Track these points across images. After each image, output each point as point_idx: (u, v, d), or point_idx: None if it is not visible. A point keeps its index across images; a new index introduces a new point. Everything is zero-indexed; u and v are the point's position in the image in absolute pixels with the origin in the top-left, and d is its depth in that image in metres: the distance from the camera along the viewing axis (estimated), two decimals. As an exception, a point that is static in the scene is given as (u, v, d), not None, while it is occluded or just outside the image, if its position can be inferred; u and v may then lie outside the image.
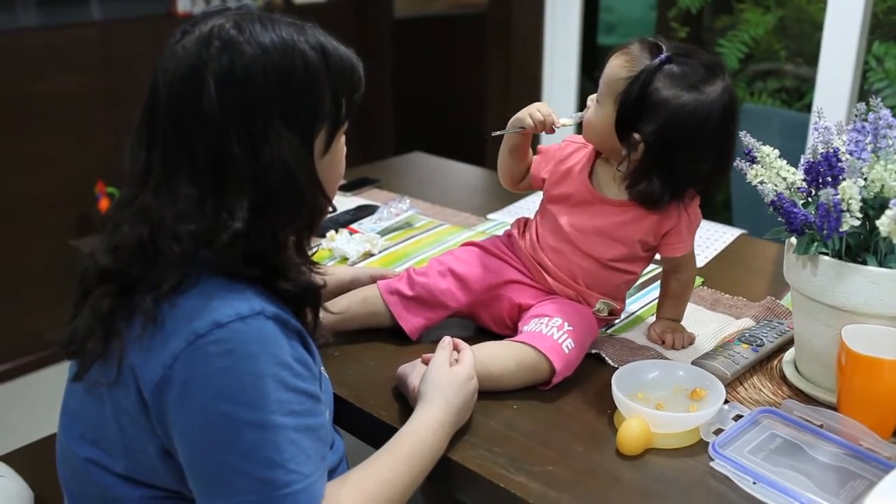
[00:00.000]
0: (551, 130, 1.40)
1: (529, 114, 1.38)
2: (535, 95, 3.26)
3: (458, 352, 1.23)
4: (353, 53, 1.06)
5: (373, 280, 1.47)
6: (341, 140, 1.07)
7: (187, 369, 0.91)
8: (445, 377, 1.16)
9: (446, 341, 1.24)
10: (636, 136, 1.27)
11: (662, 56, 1.26)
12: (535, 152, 1.48)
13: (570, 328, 1.29)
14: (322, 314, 1.10)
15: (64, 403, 1.10)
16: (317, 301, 1.06)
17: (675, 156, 1.27)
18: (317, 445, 0.96)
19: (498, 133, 1.43)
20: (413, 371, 1.21)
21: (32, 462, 1.55)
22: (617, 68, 1.29)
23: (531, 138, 1.45)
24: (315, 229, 1.06)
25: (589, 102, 1.36)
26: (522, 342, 1.28)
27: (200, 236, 0.93)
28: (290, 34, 0.97)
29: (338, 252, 1.76)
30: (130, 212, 0.97)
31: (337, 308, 1.36)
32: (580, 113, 1.39)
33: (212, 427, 0.91)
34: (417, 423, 1.10)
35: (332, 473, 1.09)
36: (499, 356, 1.27)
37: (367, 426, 1.24)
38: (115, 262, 0.97)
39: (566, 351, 1.27)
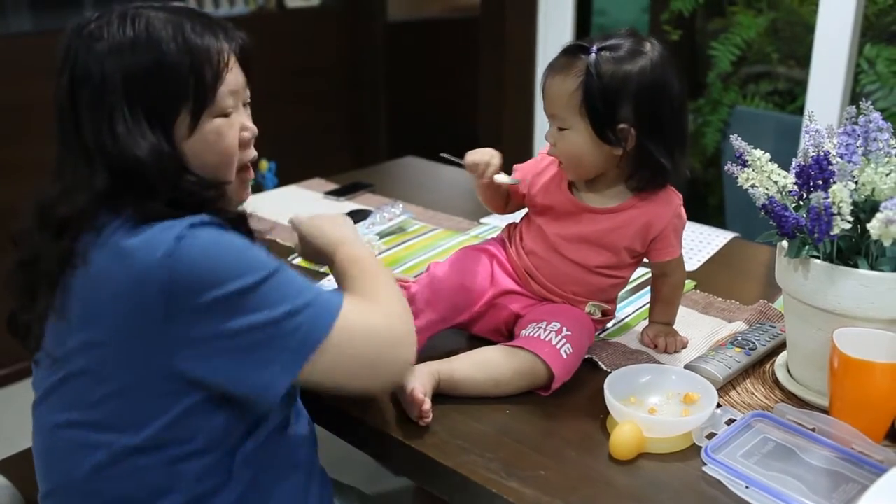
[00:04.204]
0: (481, 177, 1.37)
1: (472, 154, 1.37)
2: (528, 100, 3.26)
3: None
4: (224, 33, 1.10)
5: None
6: (219, 120, 1.10)
7: (177, 286, 0.96)
8: (308, 247, 1.34)
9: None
10: (621, 126, 1.26)
11: (593, 48, 1.26)
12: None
13: (569, 333, 1.29)
14: None
15: (47, 409, 1.11)
16: (248, 225, 1.12)
17: (661, 118, 1.27)
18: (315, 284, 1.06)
19: (446, 156, 1.41)
20: (411, 377, 1.20)
21: (24, 469, 1.55)
22: (562, 84, 1.27)
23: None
24: (209, 201, 1.08)
25: (549, 140, 1.34)
26: (520, 347, 1.27)
27: (83, 211, 1.03)
28: (147, 23, 1.05)
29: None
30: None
31: None
32: (517, 178, 1.39)
33: (232, 311, 0.98)
34: (336, 267, 1.23)
35: (300, 451, 1.19)
36: (496, 361, 1.27)
37: (361, 433, 1.24)
38: (28, 242, 1.08)
39: (564, 356, 1.27)
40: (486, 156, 1.36)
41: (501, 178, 1.38)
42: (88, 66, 1.04)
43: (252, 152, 1.19)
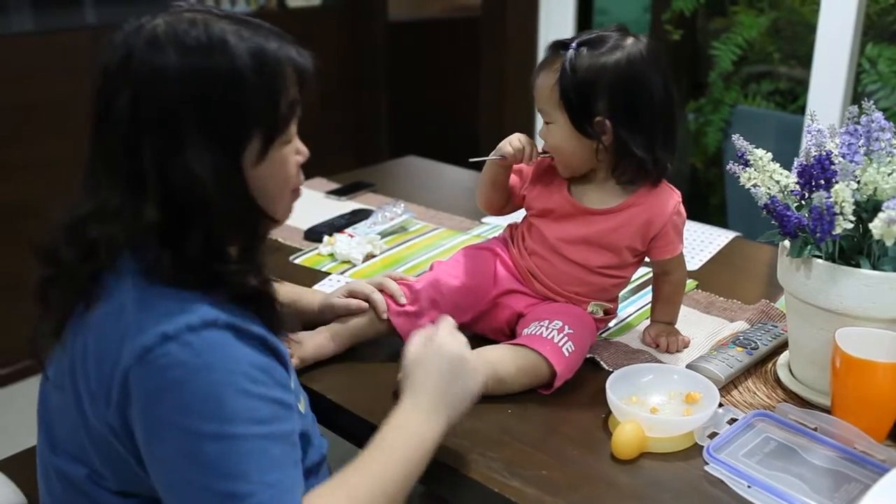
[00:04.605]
0: (530, 159, 1.37)
1: (510, 142, 1.37)
2: (528, 99, 3.25)
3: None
4: (298, 55, 1.01)
5: (346, 306, 1.38)
6: (285, 148, 1.02)
7: (140, 384, 0.89)
8: (417, 362, 1.08)
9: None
10: (597, 119, 1.28)
11: (573, 43, 1.28)
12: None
13: (571, 331, 1.29)
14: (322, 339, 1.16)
15: (44, 422, 1.07)
16: (270, 304, 1.02)
17: (636, 110, 1.28)
18: (287, 451, 0.94)
19: (477, 160, 1.41)
20: None
21: (26, 468, 1.54)
22: (545, 80, 1.31)
23: (510, 171, 1.43)
24: (259, 240, 1.04)
25: (540, 136, 1.36)
26: (522, 345, 1.27)
27: (111, 241, 0.94)
28: (222, 36, 0.94)
29: (340, 255, 1.76)
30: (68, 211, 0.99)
31: (343, 337, 1.35)
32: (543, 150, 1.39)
33: (171, 441, 0.89)
34: (397, 418, 1.04)
35: (311, 474, 1.08)
36: (498, 359, 1.26)
37: (361, 431, 1.24)
38: (52, 259, 0.99)
39: (566, 354, 1.27)
40: (524, 140, 1.37)
41: (543, 155, 1.40)
42: (157, 76, 0.92)
43: (302, 176, 1.09)
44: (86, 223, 0.95)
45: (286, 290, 1.42)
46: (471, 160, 1.43)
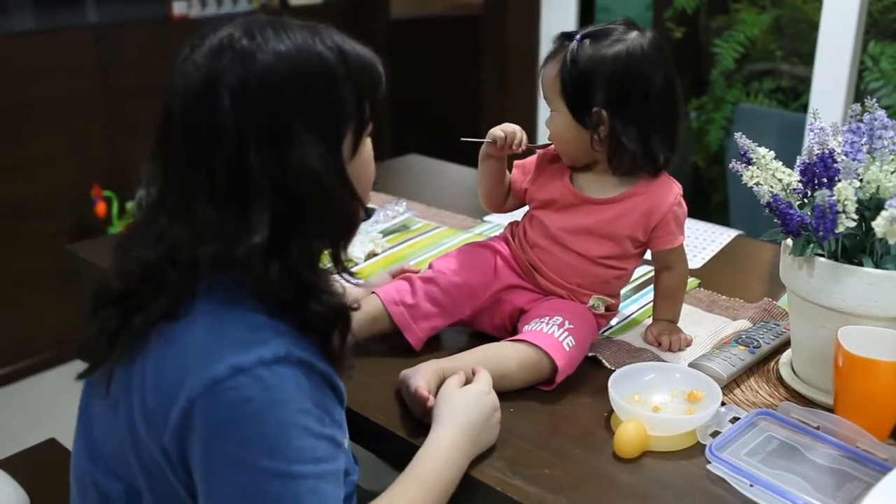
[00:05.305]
0: (518, 147, 1.39)
1: (501, 127, 1.40)
2: (530, 97, 3.26)
3: (474, 374, 1.21)
4: (371, 51, 1.03)
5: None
6: (368, 141, 1.05)
7: (206, 415, 0.88)
8: (455, 397, 1.14)
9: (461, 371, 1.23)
10: (594, 109, 1.29)
11: (577, 35, 1.31)
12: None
13: (571, 326, 1.30)
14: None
15: (84, 431, 1.04)
16: (346, 324, 1.00)
17: (633, 103, 1.30)
18: (336, 490, 0.94)
19: (467, 140, 1.43)
20: (416, 374, 1.20)
21: (29, 467, 1.55)
22: (549, 70, 1.34)
23: (506, 162, 1.45)
24: (352, 238, 1.04)
25: (546, 124, 1.38)
26: (523, 340, 1.28)
27: (221, 259, 0.91)
28: (303, 37, 0.96)
29: (341, 254, 1.76)
30: (144, 236, 0.96)
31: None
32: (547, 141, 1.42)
33: (233, 476, 0.88)
34: (428, 447, 1.08)
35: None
36: (499, 356, 1.26)
37: (366, 431, 1.24)
38: (123, 286, 0.96)
39: (567, 348, 1.27)
40: (515, 126, 1.40)
41: (534, 145, 1.43)
42: (254, 84, 0.91)
43: None
44: (179, 246, 0.93)
45: None
46: (462, 139, 1.45)
